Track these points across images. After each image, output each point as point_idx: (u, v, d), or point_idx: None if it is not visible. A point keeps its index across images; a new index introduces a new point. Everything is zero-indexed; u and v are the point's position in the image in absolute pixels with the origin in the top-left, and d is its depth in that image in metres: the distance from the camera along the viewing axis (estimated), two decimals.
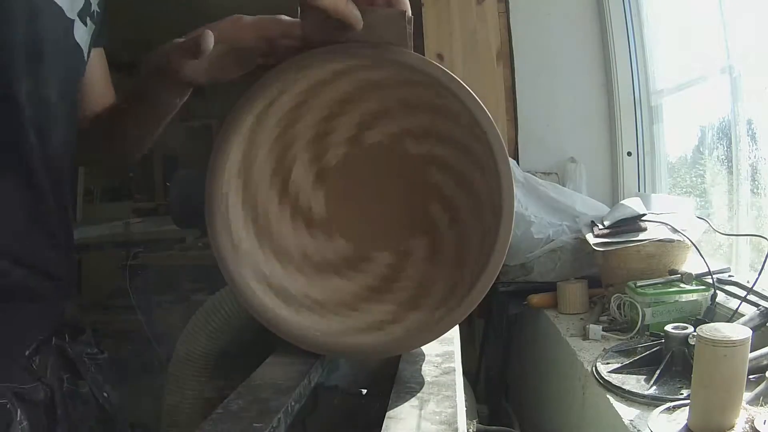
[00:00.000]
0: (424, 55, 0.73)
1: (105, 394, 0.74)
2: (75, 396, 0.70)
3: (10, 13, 0.57)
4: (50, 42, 0.62)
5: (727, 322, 1.01)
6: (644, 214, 1.44)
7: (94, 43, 0.74)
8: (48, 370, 0.65)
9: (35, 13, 0.60)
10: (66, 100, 0.67)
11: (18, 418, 0.57)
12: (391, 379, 0.60)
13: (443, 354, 0.67)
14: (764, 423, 0.72)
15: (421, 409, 0.52)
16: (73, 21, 0.66)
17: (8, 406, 0.56)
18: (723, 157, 1.45)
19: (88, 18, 0.70)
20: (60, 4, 0.63)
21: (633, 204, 1.50)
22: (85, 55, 0.71)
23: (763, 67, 1.29)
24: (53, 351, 0.68)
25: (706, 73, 1.53)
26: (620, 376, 0.99)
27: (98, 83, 0.80)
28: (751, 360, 0.79)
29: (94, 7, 0.71)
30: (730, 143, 1.38)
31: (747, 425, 0.72)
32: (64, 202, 0.67)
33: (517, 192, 1.63)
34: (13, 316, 0.60)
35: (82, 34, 0.69)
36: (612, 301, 1.31)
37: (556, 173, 1.90)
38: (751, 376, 0.83)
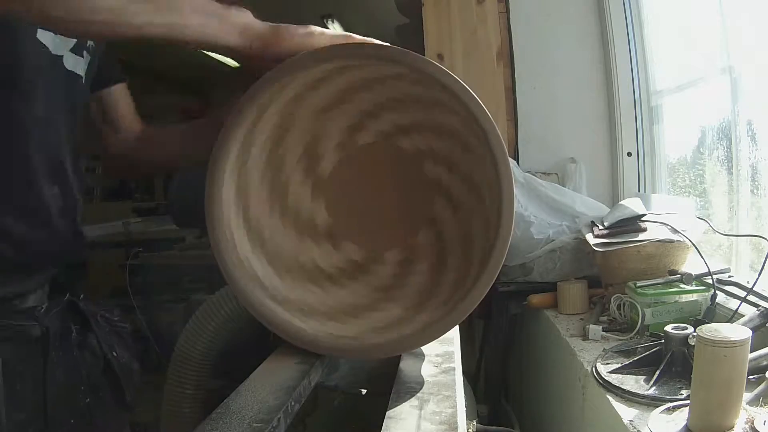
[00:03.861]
0: (424, 55, 0.72)
1: (114, 353, 0.85)
2: (84, 346, 0.82)
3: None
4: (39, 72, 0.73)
5: (727, 322, 1.01)
6: (644, 215, 1.44)
7: (115, 80, 0.93)
8: (48, 317, 0.77)
9: (19, 52, 0.71)
10: (70, 114, 0.79)
11: None
12: (391, 379, 0.60)
13: (443, 354, 0.67)
14: (764, 423, 0.72)
15: (421, 409, 0.52)
16: (61, 56, 0.76)
17: None
18: (723, 157, 1.45)
19: (84, 51, 0.81)
20: (45, 43, 0.73)
21: (633, 204, 1.50)
22: (83, 80, 0.82)
23: (763, 67, 1.29)
24: (65, 304, 0.81)
25: (706, 73, 1.53)
26: (620, 376, 0.99)
27: (126, 115, 0.96)
28: (750, 360, 0.79)
29: (90, 42, 0.82)
30: (730, 144, 1.38)
31: (747, 426, 0.72)
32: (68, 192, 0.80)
33: (517, 192, 1.63)
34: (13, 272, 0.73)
35: (74, 63, 0.79)
36: (612, 301, 1.31)
37: (556, 173, 1.90)
38: (750, 377, 0.83)
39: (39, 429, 0.73)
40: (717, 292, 1.17)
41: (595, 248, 1.39)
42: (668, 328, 0.98)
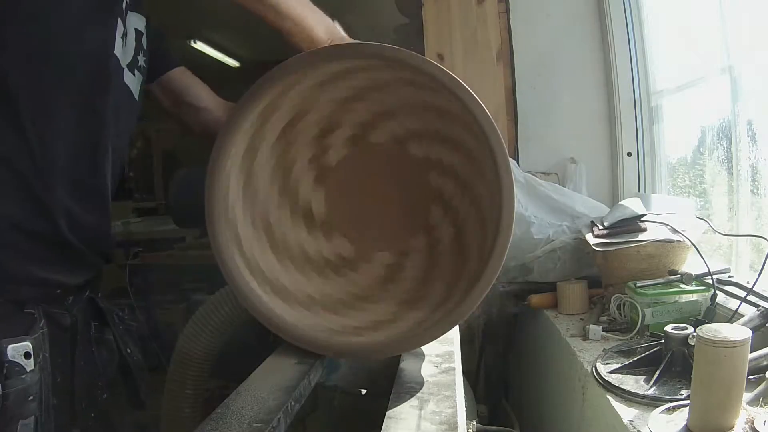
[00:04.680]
0: (424, 55, 0.73)
1: (128, 350, 0.89)
2: (101, 342, 0.85)
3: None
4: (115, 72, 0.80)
5: (727, 322, 1.01)
6: (644, 215, 1.44)
7: (170, 66, 0.98)
8: (75, 309, 0.81)
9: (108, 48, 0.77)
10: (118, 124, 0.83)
11: (41, 324, 0.71)
12: (391, 379, 0.60)
13: (443, 354, 0.67)
14: (764, 423, 0.72)
15: (420, 409, 0.52)
16: (123, 68, 0.83)
17: (35, 315, 0.72)
18: (723, 157, 1.45)
19: (136, 70, 0.86)
20: (118, 56, 0.80)
21: (633, 204, 1.50)
22: (135, 96, 0.86)
23: (763, 67, 1.29)
24: (85, 300, 0.84)
25: (706, 73, 1.53)
26: (620, 376, 0.99)
27: (203, 93, 1.01)
28: (750, 360, 0.79)
29: (141, 63, 0.87)
30: (730, 144, 1.38)
31: (747, 426, 0.72)
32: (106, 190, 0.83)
33: (517, 192, 1.63)
34: (53, 264, 0.75)
35: (130, 80, 0.84)
36: (612, 301, 1.31)
37: (556, 173, 1.90)
38: (750, 377, 0.82)
39: (68, 418, 0.76)
40: (717, 292, 1.17)
41: (595, 248, 1.39)
42: (668, 328, 0.98)
